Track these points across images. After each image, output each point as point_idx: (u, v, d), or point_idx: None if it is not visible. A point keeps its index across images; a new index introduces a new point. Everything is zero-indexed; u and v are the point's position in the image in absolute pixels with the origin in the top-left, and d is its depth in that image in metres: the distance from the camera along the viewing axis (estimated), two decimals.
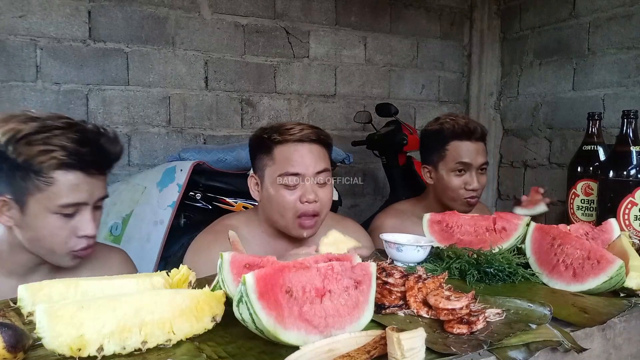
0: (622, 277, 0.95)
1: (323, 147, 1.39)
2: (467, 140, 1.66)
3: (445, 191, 1.69)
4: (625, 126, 1.45)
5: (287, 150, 1.34)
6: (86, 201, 1.09)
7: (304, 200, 1.31)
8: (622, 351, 0.86)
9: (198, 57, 2.66)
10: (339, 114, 3.07)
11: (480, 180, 1.67)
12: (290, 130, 1.35)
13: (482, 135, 1.69)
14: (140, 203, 2.10)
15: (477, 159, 1.66)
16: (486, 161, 1.70)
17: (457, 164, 1.66)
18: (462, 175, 1.66)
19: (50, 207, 1.06)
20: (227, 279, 0.81)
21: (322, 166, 1.35)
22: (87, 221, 1.10)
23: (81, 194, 1.07)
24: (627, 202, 1.39)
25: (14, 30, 2.26)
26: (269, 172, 1.35)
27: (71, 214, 1.08)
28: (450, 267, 1.09)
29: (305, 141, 1.35)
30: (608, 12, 2.74)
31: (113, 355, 0.68)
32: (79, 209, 1.09)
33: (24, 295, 0.81)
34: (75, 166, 1.06)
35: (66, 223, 1.08)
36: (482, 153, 1.68)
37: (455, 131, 1.67)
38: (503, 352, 0.71)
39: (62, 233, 1.08)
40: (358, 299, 0.76)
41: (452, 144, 1.67)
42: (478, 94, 3.47)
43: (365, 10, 3.10)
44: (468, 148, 1.66)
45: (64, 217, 1.08)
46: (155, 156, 2.59)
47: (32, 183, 1.04)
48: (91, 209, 1.11)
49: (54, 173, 1.04)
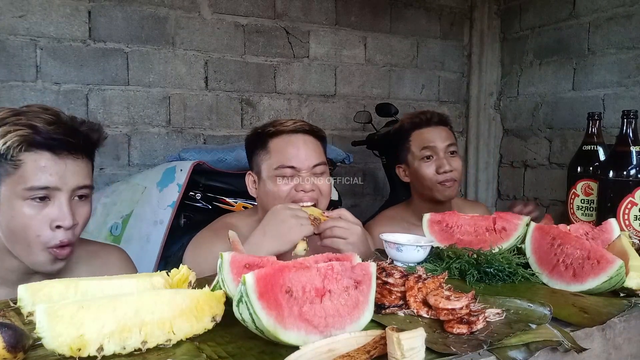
0: (622, 277, 0.95)
1: (317, 139, 1.40)
2: (426, 127, 1.71)
3: (422, 182, 1.71)
4: (625, 126, 1.45)
5: (282, 141, 1.36)
6: (57, 186, 1.02)
7: (299, 189, 1.32)
8: (622, 351, 0.86)
9: (198, 57, 2.66)
10: (339, 114, 3.07)
11: (451, 162, 1.69)
12: (284, 122, 1.38)
13: (440, 119, 1.74)
14: (140, 203, 2.10)
15: (440, 141, 1.69)
16: (453, 143, 1.72)
17: (423, 150, 1.69)
18: (431, 161, 1.69)
19: (18, 192, 1.00)
20: (227, 279, 0.81)
21: (317, 159, 1.36)
22: (61, 209, 1.02)
23: (50, 177, 1.01)
24: (627, 202, 1.39)
25: (14, 30, 2.26)
26: (265, 166, 1.37)
27: (42, 198, 1.01)
28: (450, 267, 1.08)
29: (299, 131, 1.37)
30: (608, 12, 2.74)
31: (113, 355, 0.68)
32: (52, 195, 1.02)
33: (23, 295, 0.81)
34: (42, 145, 1.00)
35: (38, 211, 1.02)
36: (445, 136, 1.71)
37: (413, 121, 1.73)
38: (503, 352, 0.71)
39: (34, 223, 1.02)
40: (358, 299, 0.76)
41: (413, 135, 1.72)
42: (478, 94, 3.47)
43: (365, 10, 3.10)
44: (429, 132, 1.70)
45: (36, 204, 1.01)
46: (155, 156, 2.59)
47: (2, 168, 1.00)
48: (67, 197, 1.04)
49: (21, 155, 0.99)
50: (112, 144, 2.50)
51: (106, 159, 2.49)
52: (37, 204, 1.02)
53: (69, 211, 1.04)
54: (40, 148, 1.01)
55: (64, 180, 1.03)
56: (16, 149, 0.99)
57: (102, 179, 2.47)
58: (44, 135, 1.00)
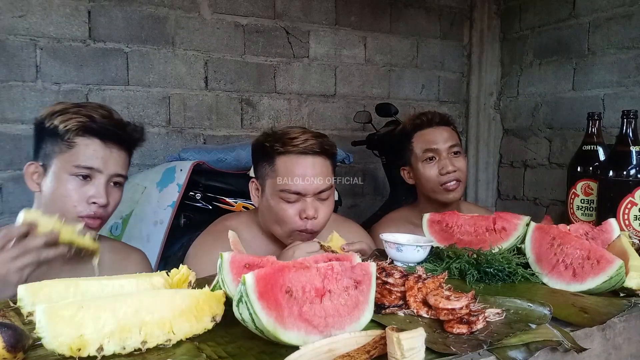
0: (622, 277, 0.95)
1: (327, 158, 1.34)
2: (428, 128, 1.70)
3: (425, 184, 1.70)
4: (625, 126, 1.45)
5: (290, 162, 1.30)
6: (100, 168, 1.20)
7: (303, 217, 1.29)
8: (622, 351, 0.86)
9: (198, 57, 2.66)
10: (339, 114, 3.07)
11: (455, 163, 1.67)
12: (293, 140, 1.31)
13: (442, 120, 1.72)
14: (140, 203, 2.10)
15: (443, 142, 1.68)
16: (455, 143, 1.71)
17: (425, 152, 1.69)
18: (434, 163, 1.68)
19: (67, 168, 1.18)
20: (227, 279, 0.81)
21: (324, 185, 1.32)
22: (99, 189, 1.20)
23: (96, 159, 1.19)
24: (627, 202, 1.39)
25: (14, 30, 2.26)
26: (270, 182, 1.33)
27: (85, 177, 1.19)
28: (450, 267, 1.09)
29: (308, 154, 1.31)
30: (608, 12, 2.74)
31: (113, 355, 0.68)
32: (93, 175, 1.20)
33: (23, 295, 0.81)
34: (95, 133, 1.19)
35: (80, 186, 1.19)
36: (447, 136, 1.70)
37: (415, 123, 1.73)
38: (503, 352, 0.71)
39: (75, 195, 1.18)
40: (358, 299, 0.76)
41: (415, 136, 1.72)
42: (478, 94, 3.46)
43: (365, 10, 3.10)
44: (431, 134, 1.69)
45: (79, 180, 1.19)
46: (155, 156, 2.59)
47: (57, 147, 1.19)
48: (105, 180, 1.21)
49: (75, 137, 1.18)
50: None
51: None
52: (80, 181, 1.19)
53: (105, 191, 1.21)
54: (93, 135, 1.20)
55: (106, 165, 1.21)
56: (73, 132, 1.18)
57: None
58: (99, 125, 1.20)
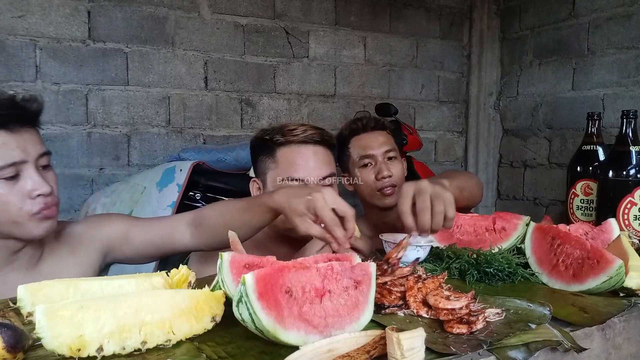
0: (622, 277, 0.95)
1: (327, 148, 1.36)
2: (362, 133, 1.69)
3: (363, 189, 1.69)
4: (624, 126, 1.45)
5: (290, 152, 1.31)
6: (23, 159, 1.06)
7: None
8: (622, 351, 0.86)
9: (198, 57, 2.66)
10: (339, 114, 3.07)
11: (390, 168, 1.65)
12: (293, 131, 1.32)
13: (377, 124, 1.70)
14: (140, 203, 2.10)
15: (378, 147, 1.66)
16: (392, 148, 1.68)
17: (361, 158, 1.67)
18: (370, 168, 1.67)
19: None
20: (227, 279, 0.81)
21: (327, 171, 1.32)
22: (34, 179, 1.06)
23: (12, 152, 1.04)
24: (627, 202, 1.39)
25: (14, 30, 2.26)
26: (271, 175, 1.33)
27: (13, 176, 1.05)
28: (450, 267, 1.08)
29: (309, 143, 1.32)
30: (608, 12, 2.74)
31: (113, 356, 0.68)
32: (20, 169, 1.06)
33: (23, 295, 0.81)
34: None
35: (12, 187, 1.05)
36: (382, 140, 1.68)
37: (351, 128, 1.71)
38: (503, 352, 0.71)
39: (12, 199, 1.05)
40: (358, 299, 0.76)
41: (351, 142, 1.70)
42: (478, 94, 3.47)
43: (365, 10, 3.10)
44: (366, 138, 1.68)
45: (8, 182, 1.05)
46: (155, 156, 2.59)
47: None
48: (34, 167, 1.07)
49: None
50: (112, 144, 2.50)
51: (106, 159, 2.49)
52: (9, 182, 1.05)
53: (42, 179, 1.07)
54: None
55: (25, 152, 1.06)
56: None
57: (101, 179, 2.47)
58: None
